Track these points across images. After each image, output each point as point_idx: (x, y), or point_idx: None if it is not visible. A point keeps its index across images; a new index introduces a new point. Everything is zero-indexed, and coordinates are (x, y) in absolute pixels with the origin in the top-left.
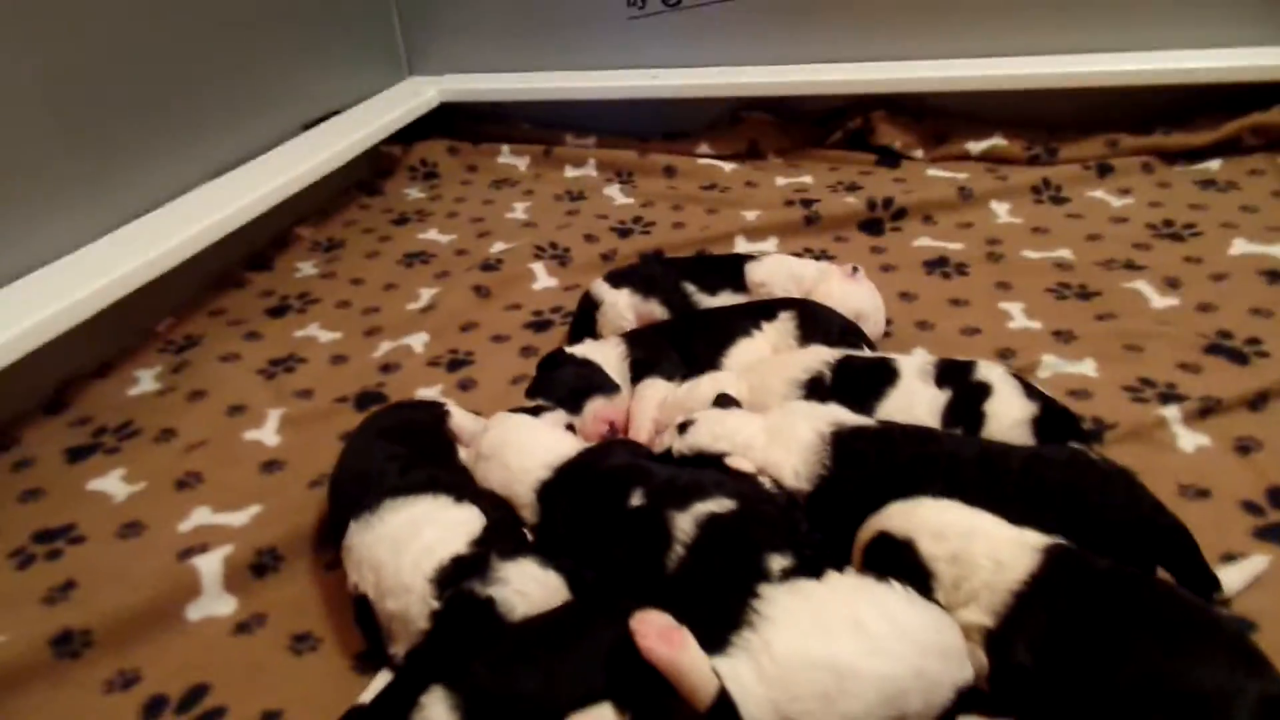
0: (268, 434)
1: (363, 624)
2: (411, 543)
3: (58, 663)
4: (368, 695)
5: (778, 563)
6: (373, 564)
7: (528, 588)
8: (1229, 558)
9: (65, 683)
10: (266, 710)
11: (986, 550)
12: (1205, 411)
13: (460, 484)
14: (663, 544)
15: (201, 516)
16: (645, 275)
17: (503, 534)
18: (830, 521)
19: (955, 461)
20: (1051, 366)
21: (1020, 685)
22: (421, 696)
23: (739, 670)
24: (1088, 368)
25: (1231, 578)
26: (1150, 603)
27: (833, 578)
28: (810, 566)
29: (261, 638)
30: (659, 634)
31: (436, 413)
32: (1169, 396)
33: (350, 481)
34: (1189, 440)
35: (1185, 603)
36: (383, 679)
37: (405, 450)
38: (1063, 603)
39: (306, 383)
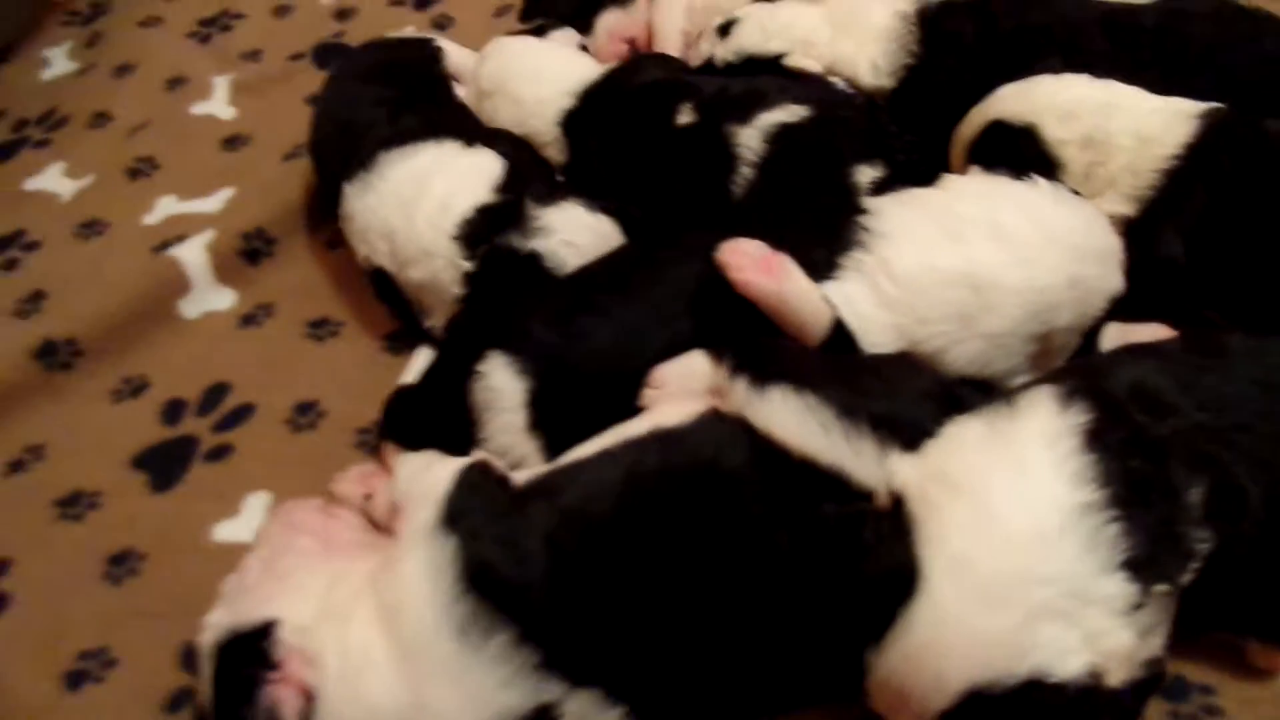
0: (219, 106)
1: (386, 299)
2: (421, 200)
3: (51, 375)
4: (410, 375)
5: (867, 174)
6: (382, 231)
7: (577, 236)
8: None
9: (67, 395)
10: (300, 402)
11: (1128, 126)
12: None
13: (466, 126)
14: (725, 165)
15: (167, 206)
16: None
17: (531, 177)
18: (921, 121)
19: (1073, 28)
20: None
21: (1167, 281)
22: (478, 365)
23: (853, 296)
24: None
25: None
26: None
27: (952, 181)
28: (907, 174)
29: (273, 328)
30: (756, 264)
31: (426, 51)
32: None
33: (335, 138)
34: None
35: None
36: (423, 356)
37: (394, 93)
38: (1227, 176)
39: (250, 42)
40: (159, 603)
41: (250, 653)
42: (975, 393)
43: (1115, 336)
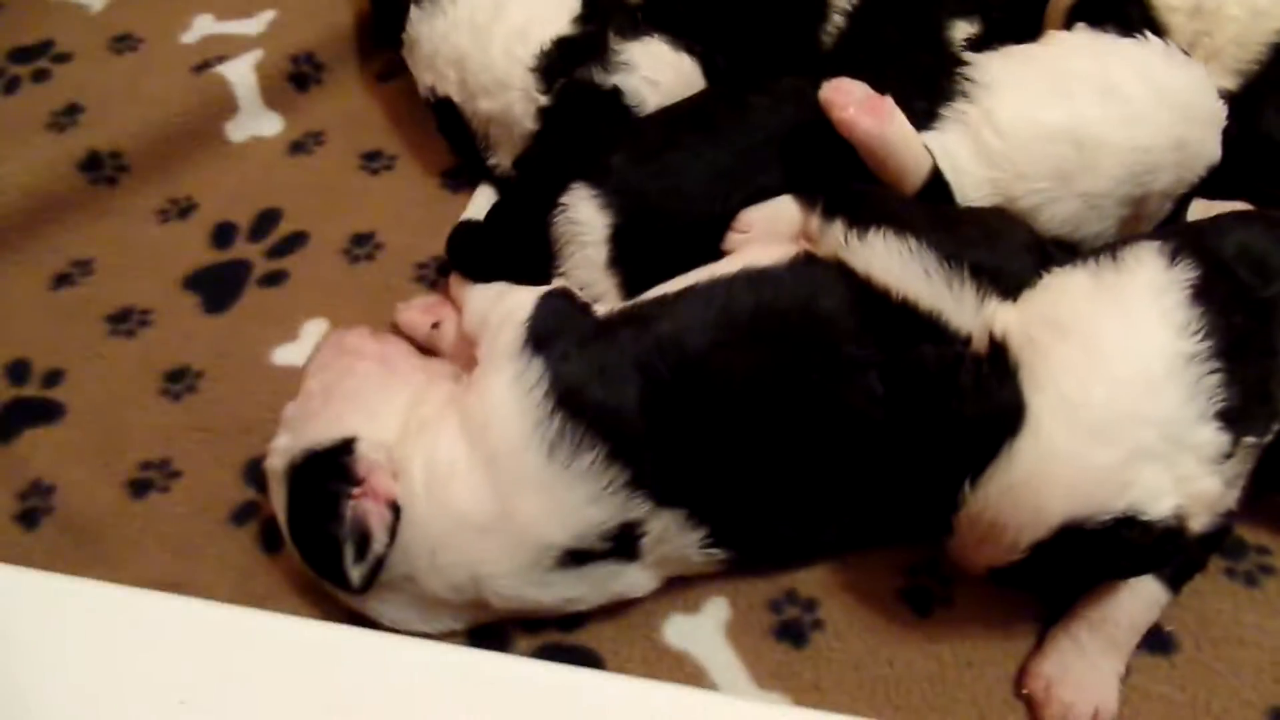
0: None
1: (449, 133)
2: (496, 26)
3: (96, 190)
4: (472, 210)
5: (962, 30)
6: (451, 58)
7: (659, 73)
8: None
9: (110, 212)
10: (356, 233)
11: None
12: None
13: None
14: (817, 12)
15: (204, 25)
16: None
17: (612, 10)
18: None
19: None
20: None
21: (1264, 159)
22: (561, 197)
23: (952, 147)
24: None
25: None
26: None
27: (1059, 36)
28: (1003, 32)
29: (324, 157)
30: (861, 103)
31: None
32: None
33: None
34: None
35: None
36: (485, 194)
37: None
38: None
39: None
40: (220, 419)
41: (330, 470)
42: (1065, 254)
43: (1200, 212)
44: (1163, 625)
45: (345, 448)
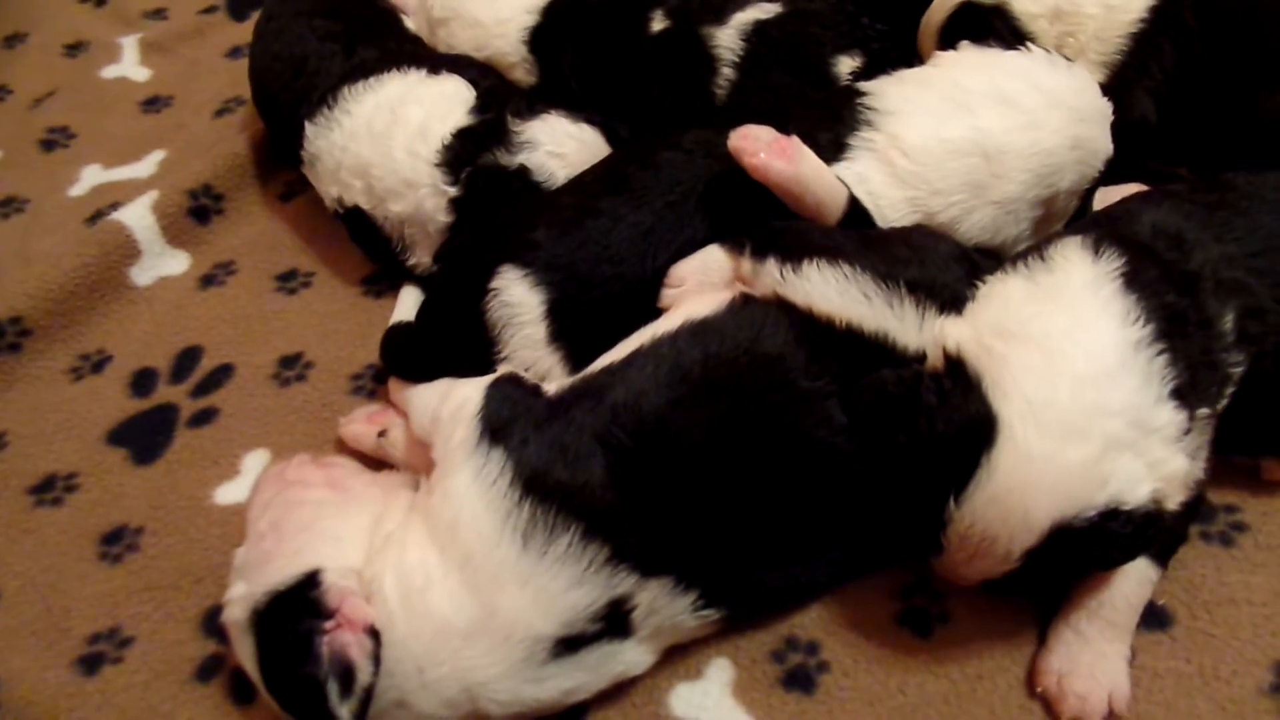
0: (130, 68)
1: (362, 241)
2: (395, 130)
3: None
4: (400, 313)
5: (846, 64)
6: (354, 167)
7: (562, 146)
8: None
9: (18, 380)
10: (283, 356)
11: None
12: None
13: (425, 55)
14: (705, 68)
15: (93, 176)
16: None
17: (506, 97)
18: (888, 11)
19: None
20: None
21: (1141, 141)
22: (491, 282)
23: (866, 173)
24: None
25: None
26: None
27: (946, 57)
28: (883, 62)
29: (237, 286)
30: (769, 147)
31: None
32: None
33: (285, 78)
34: None
35: None
36: (411, 295)
37: (341, 26)
38: (1191, 32)
39: (151, 0)
40: (167, 574)
41: (298, 608)
42: (987, 259)
43: (1103, 200)
44: (1155, 600)
45: (310, 581)
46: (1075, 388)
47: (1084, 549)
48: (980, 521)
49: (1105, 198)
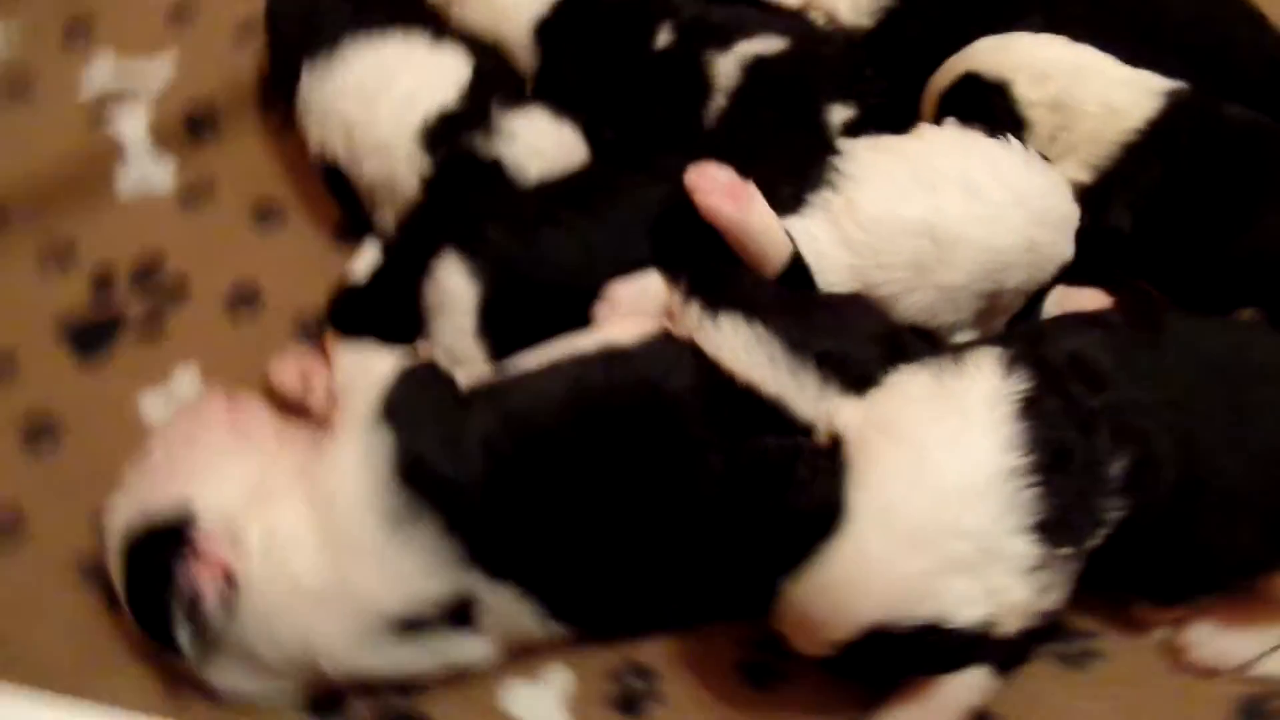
0: None
1: (337, 192)
2: (385, 93)
3: None
4: (357, 266)
5: (839, 114)
6: (340, 121)
7: (541, 144)
8: None
9: None
10: (239, 284)
11: (1097, 94)
12: None
13: (434, 19)
14: (699, 92)
15: (102, 68)
16: None
17: (499, 82)
18: (896, 66)
19: None
20: None
21: (1110, 250)
22: (433, 263)
23: (815, 232)
24: None
25: None
26: None
27: (927, 131)
28: (878, 118)
29: (213, 208)
30: (723, 189)
31: None
32: None
33: (292, 18)
34: None
35: None
36: (371, 250)
37: None
38: (1183, 156)
39: None
40: (80, 471)
41: (166, 537)
42: (920, 341)
43: (1057, 297)
44: (991, 708)
45: (182, 516)
46: (934, 501)
47: (901, 653)
48: (805, 605)
49: (1066, 297)
